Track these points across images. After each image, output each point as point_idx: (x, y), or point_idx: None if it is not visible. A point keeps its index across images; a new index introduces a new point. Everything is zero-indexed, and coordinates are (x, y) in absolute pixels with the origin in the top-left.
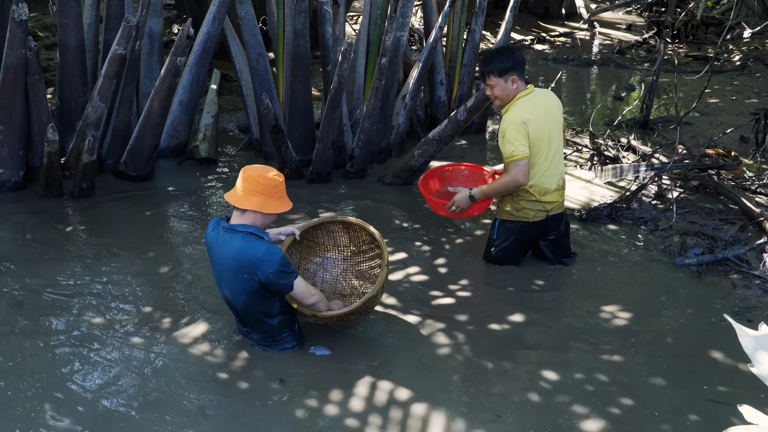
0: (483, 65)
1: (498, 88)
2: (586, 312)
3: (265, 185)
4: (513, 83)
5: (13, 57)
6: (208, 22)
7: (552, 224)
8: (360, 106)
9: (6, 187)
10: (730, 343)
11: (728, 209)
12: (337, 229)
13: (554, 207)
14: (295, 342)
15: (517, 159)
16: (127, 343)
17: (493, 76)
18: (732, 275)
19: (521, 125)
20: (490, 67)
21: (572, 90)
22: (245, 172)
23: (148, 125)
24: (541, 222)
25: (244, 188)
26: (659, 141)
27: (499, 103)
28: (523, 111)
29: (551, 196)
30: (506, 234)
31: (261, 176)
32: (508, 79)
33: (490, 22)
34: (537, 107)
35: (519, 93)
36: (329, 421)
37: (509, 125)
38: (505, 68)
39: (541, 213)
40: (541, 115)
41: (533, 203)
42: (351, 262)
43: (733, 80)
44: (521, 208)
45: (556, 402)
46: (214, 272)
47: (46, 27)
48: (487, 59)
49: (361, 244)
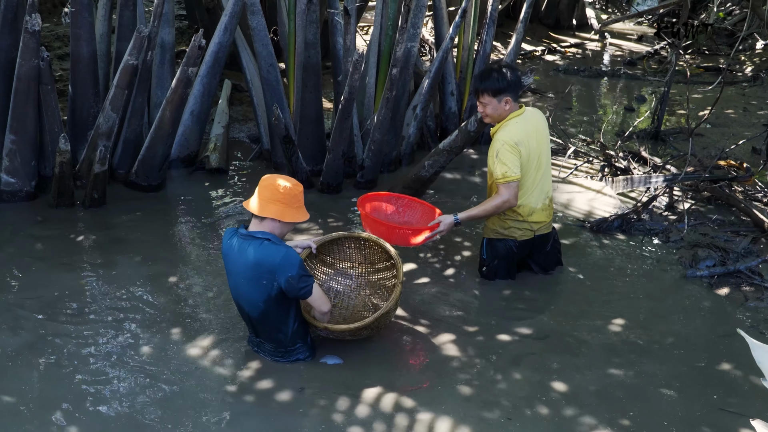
0: (477, 82)
1: (490, 107)
2: (597, 323)
3: (284, 194)
4: (506, 104)
5: (26, 67)
6: (220, 33)
7: (539, 244)
8: (371, 117)
9: (18, 196)
10: (742, 356)
11: (740, 221)
12: (352, 245)
13: (541, 227)
14: (308, 353)
15: (509, 180)
16: (138, 353)
17: (487, 95)
18: (744, 287)
19: (515, 147)
20: (485, 85)
21: (583, 101)
22: (265, 180)
23: (159, 135)
24: (528, 241)
25: (263, 196)
26: (671, 152)
27: (489, 120)
28: (516, 132)
29: (537, 216)
30: (495, 253)
31: (281, 185)
32: (502, 100)
33: (501, 32)
34: (529, 129)
35: (511, 113)
36: (341, 430)
37: (503, 146)
38: (499, 89)
39: (528, 232)
40: (532, 137)
41: (520, 223)
42: (365, 277)
43: (745, 91)
44: (508, 227)
45: (565, 412)
46: (230, 282)
47: (58, 37)
48: (482, 76)
49: (375, 260)
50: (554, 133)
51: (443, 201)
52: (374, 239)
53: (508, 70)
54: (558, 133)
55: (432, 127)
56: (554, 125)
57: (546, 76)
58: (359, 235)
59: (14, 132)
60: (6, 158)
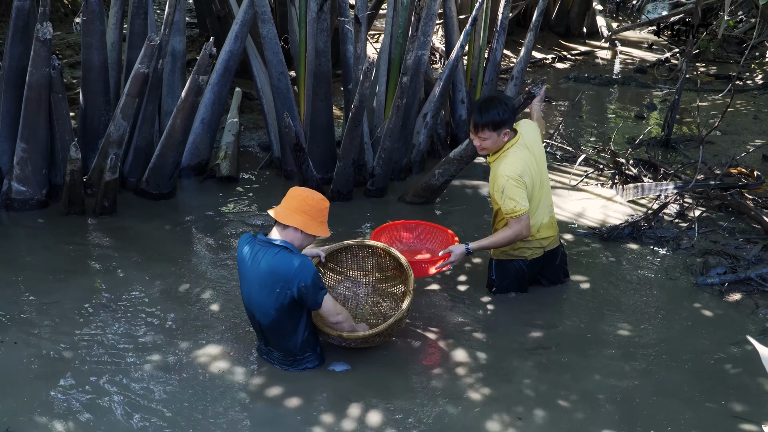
0: (478, 117)
1: (489, 141)
2: (607, 330)
3: (312, 206)
4: (505, 136)
5: (37, 75)
6: (231, 41)
7: (549, 260)
8: (381, 125)
9: (29, 204)
10: (754, 364)
11: (751, 228)
12: (362, 254)
13: (550, 242)
14: (317, 362)
15: (519, 214)
16: (148, 361)
17: (488, 130)
18: (755, 295)
19: (519, 180)
20: (486, 120)
21: (593, 109)
22: (294, 191)
23: (170, 143)
24: (539, 259)
25: (291, 206)
26: (681, 160)
27: (486, 152)
28: (518, 164)
29: (545, 231)
30: (504, 274)
31: (310, 197)
32: (501, 132)
33: (511, 40)
34: (527, 154)
35: (508, 143)
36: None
37: (507, 181)
38: (501, 121)
39: (538, 250)
40: (532, 160)
41: (529, 242)
42: (374, 285)
43: (756, 99)
44: (518, 248)
45: (575, 418)
46: (243, 288)
47: (69, 46)
48: (482, 110)
49: (385, 268)
50: (564, 141)
51: (453, 210)
52: (382, 247)
53: (505, 101)
54: (568, 140)
55: (442, 135)
56: (564, 133)
57: (556, 84)
58: (368, 243)
59: (25, 140)
60: (17, 167)
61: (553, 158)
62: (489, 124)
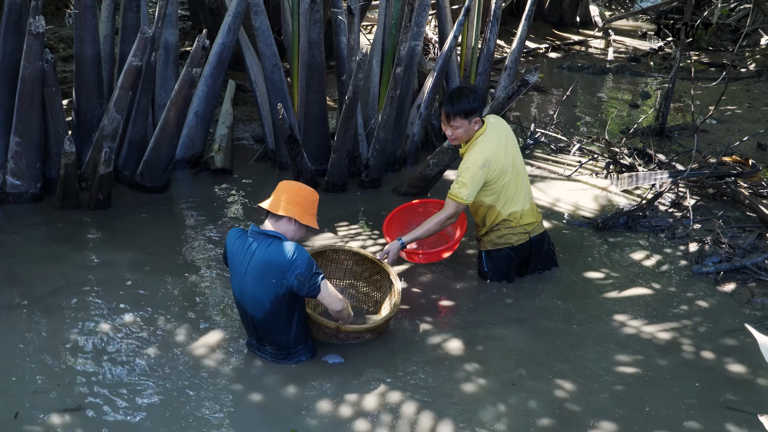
0: (449, 106)
1: (461, 130)
2: (602, 320)
3: (305, 197)
4: (476, 124)
5: (30, 69)
6: (223, 33)
7: (536, 247)
8: (375, 116)
9: (23, 198)
10: (749, 352)
11: (746, 217)
12: (344, 258)
13: (534, 227)
14: (309, 354)
15: (459, 201)
16: (141, 354)
17: (459, 118)
18: (750, 283)
19: (479, 170)
20: (457, 108)
21: (587, 98)
22: (285, 184)
23: (163, 136)
24: (525, 245)
25: (284, 198)
26: (676, 149)
27: (458, 143)
28: (484, 152)
29: (527, 217)
30: (494, 264)
31: (302, 189)
32: (472, 121)
33: (504, 30)
34: (494, 143)
35: (477, 132)
36: (345, 428)
37: (467, 169)
38: (471, 109)
39: (523, 236)
40: (501, 148)
41: (513, 228)
42: (359, 278)
43: (750, 87)
44: (503, 235)
45: (571, 407)
46: (234, 282)
47: (62, 39)
48: (452, 99)
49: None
50: (559, 131)
51: None
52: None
53: (475, 90)
54: (562, 130)
55: (436, 126)
56: (558, 123)
57: (550, 74)
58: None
59: (19, 134)
60: (11, 161)
61: (547, 148)
62: (461, 113)
